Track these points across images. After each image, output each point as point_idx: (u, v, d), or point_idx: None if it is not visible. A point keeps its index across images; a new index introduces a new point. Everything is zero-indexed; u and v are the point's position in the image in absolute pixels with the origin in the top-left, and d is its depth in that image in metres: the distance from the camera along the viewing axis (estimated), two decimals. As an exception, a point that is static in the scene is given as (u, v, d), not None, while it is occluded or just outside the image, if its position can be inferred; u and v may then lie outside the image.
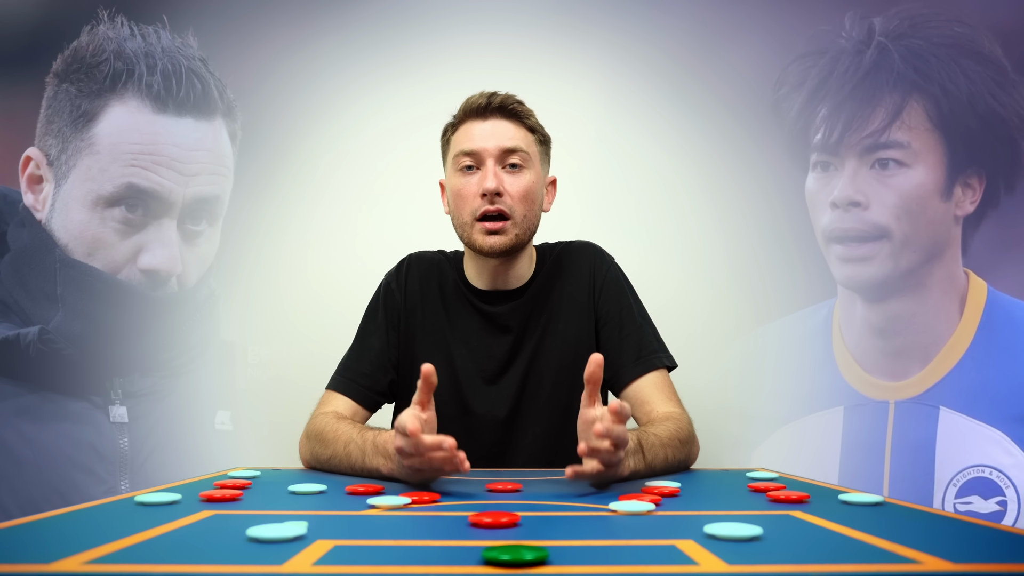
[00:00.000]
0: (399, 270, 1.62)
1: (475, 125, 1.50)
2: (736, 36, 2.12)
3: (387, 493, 1.04)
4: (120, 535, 0.75)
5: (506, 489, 1.08)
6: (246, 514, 0.89)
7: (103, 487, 1.94)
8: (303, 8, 2.15)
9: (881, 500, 0.97)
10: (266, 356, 2.12)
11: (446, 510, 0.93)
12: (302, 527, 0.76)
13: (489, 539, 0.74)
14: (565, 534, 0.79)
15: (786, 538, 0.76)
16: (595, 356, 1.08)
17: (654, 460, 1.22)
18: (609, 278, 1.57)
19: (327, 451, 1.34)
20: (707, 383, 2.04)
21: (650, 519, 0.87)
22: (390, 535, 0.79)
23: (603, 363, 1.09)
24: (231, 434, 2.08)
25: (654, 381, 1.47)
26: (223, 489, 1.04)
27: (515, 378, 1.53)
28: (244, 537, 0.74)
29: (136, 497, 0.97)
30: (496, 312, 1.55)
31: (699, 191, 2.12)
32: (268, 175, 2.13)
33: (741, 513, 0.90)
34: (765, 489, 1.08)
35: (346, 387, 1.51)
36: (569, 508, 0.94)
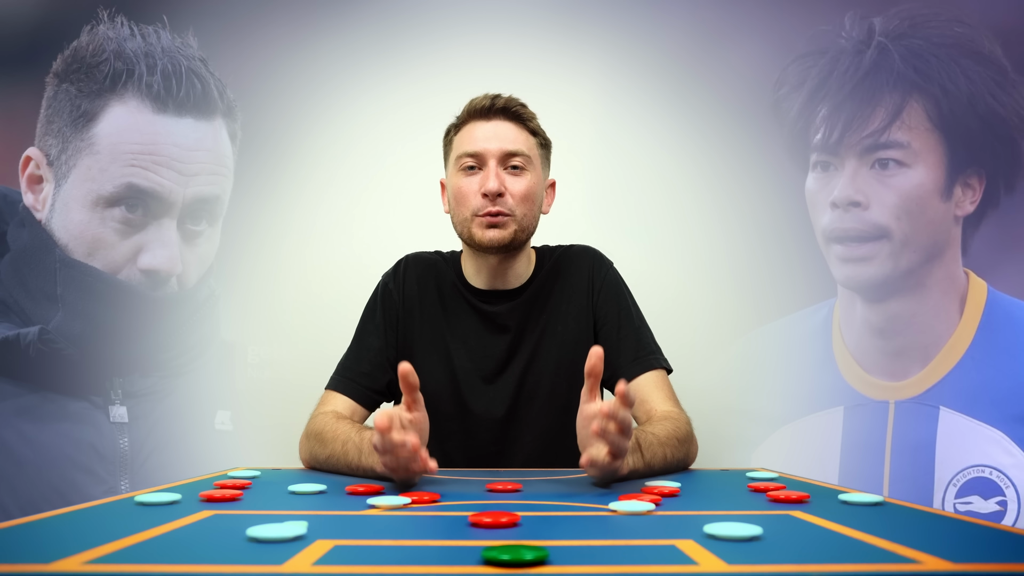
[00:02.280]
0: (396, 271, 1.62)
1: (478, 126, 1.51)
2: (736, 36, 2.12)
3: (387, 493, 1.04)
4: (120, 535, 0.75)
5: (506, 489, 1.08)
6: (246, 514, 0.89)
7: (103, 487, 1.94)
8: (303, 8, 2.15)
9: (881, 500, 0.97)
10: (266, 356, 2.12)
11: (446, 510, 0.93)
12: (302, 527, 0.76)
13: (489, 539, 0.74)
14: (565, 534, 0.79)
15: (786, 538, 0.76)
16: (595, 349, 1.08)
17: (652, 459, 1.22)
18: (608, 281, 1.58)
19: (326, 450, 1.34)
20: (707, 383, 2.04)
21: (650, 519, 0.87)
22: (390, 535, 0.79)
23: (604, 356, 1.09)
24: (231, 434, 2.08)
25: (652, 380, 1.47)
26: (223, 489, 1.04)
27: (513, 378, 1.53)
28: (244, 537, 0.74)
29: (136, 497, 0.97)
30: (494, 312, 1.56)
31: (699, 191, 2.12)
32: (268, 175, 2.13)
33: (741, 513, 0.90)
34: (765, 489, 1.08)
35: (345, 387, 1.51)
36: (569, 508, 0.94)
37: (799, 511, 0.91)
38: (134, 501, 0.96)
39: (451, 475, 1.29)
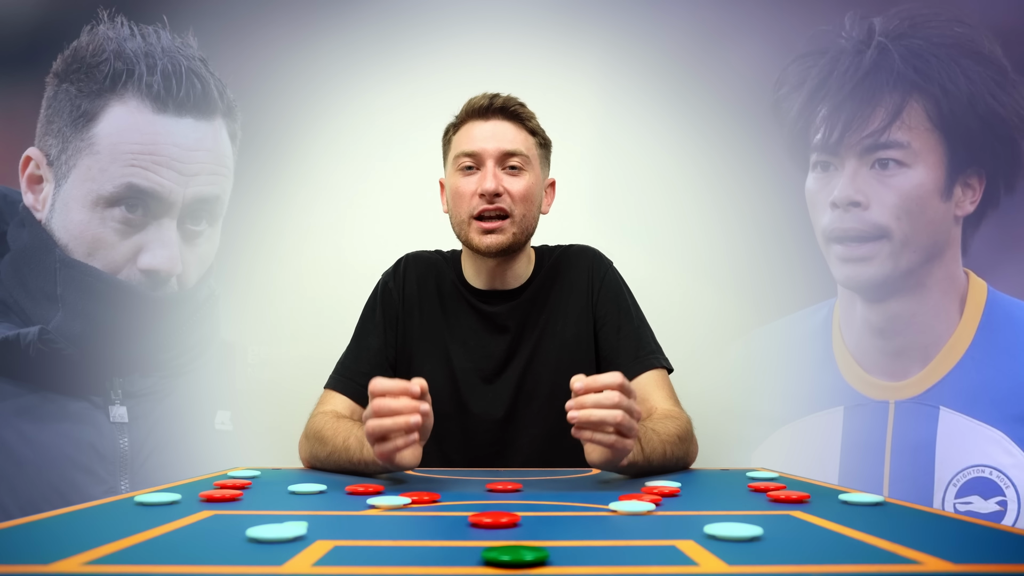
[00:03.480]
0: (396, 270, 1.62)
1: (476, 126, 1.51)
2: (736, 36, 2.12)
3: (387, 493, 1.04)
4: (120, 535, 0.75)
5: (506, 489, 1.08)
6: (246, 514, 0.89)
7: (103, 487, 1.94)
8: (303, 8, 2.15)
9: (881, 500, 0.97)
10: (266, 356, 2.12)
11: (446, 510, 0.93)
12: (302, 527, 0.75)
13: (489, 539, 0.74)
14: (565, 534, 0.79)
15: (786, 538, 0.76)
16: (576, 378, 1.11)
17: (652, 453, 1.22)
18: (607, 280, 1.58)
19: (326, 449, 1.34)
20: (707, 383, 2.04)
21: (650, 519, 0.87)
22: (390, 535, 0.79)
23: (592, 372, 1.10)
24: (231, 434, 2.08)
25: (653, 379, 1.47)
26: (223, 489, 1.04)
27: (512, 378, 1.53)
28: (244, 537, 0.74)
29: (136, 497, 0.97)
30: (494, 312, 1.56)
31: (699, 191, 2.12)
32: (268, 175, 2.13)
33: (741, 513, 0.90)
34: (765, 489, 1.08)
35: (344, 386, 1.51)
36: (569, 508, 0.94)
37: (799, 511, 0.91)
38: (134, 501, 0.96)
39: (451, 475, 1.29)
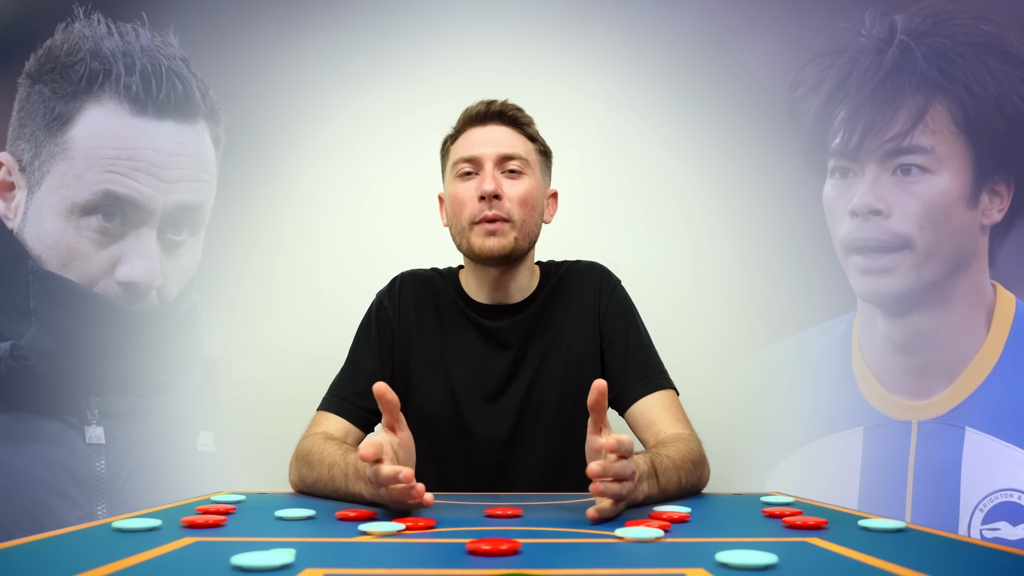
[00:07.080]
0: (392, 288, 1.62)
1: (474, 132, 1.54)
2: (749, 34, 2.12)
3: (379, 519, 1.04)
4: (97, 563, 0.75)
5: (506, 514, 1.08)
6: (230, 541, 0.89)
7: (79, 512, 1.94)
8: (290, 5, 2.16)
9: (903, 526, 0.97)
10: (251, 373, 2.12)
11: (442, 537, 0.93)
12: (290, 555, 0.76)
13: (488, 567, 0.74)
14: (568, 562, 0.80)
15: (803, 566, 0.77)
16: (597, 383, 1.05)
17: (668, 484, 1.22)
18: (616, 298, 1.59)
19: (313, 474, 1.34)
20: (719, 402, 2.04)
21: (659, 546, 0.87)
22: (382, 564, 0.79)
23: (607, 390, 1.06)
24: (214, 456, 2.08)
25: (661, 401, 1.47)
26: (206, 514, 1.04)
27: (516, 397, 1.53)
28: (228, 565, 0.74)
29: (114, 523, 0.97)
30: (496, 327, 1.56)
31: (710, 198, 2.12)
32: (253, 181, 2.13)
33: (755, 540, 0.90)
34: (780, 514, 1.08)
35: (338, 406, 1.51)
36: (573, 535, 0.94)
37: (817, 538, 0.91)
38: (112, 527, 0.96)
39: (448, 499, 1.29)
